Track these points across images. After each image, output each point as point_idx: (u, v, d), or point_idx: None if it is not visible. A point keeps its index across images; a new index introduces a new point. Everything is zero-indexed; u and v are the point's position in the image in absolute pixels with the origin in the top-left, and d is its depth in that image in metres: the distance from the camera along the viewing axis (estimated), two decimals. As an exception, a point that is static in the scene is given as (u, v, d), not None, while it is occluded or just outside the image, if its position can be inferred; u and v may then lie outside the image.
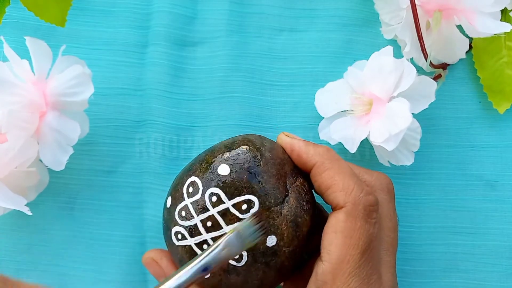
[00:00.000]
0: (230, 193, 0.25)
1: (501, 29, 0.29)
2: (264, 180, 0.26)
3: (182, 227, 0.26)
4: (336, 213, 0.25)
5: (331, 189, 0.25)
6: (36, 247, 0.33)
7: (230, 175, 0.25)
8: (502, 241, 0.33)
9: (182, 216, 0.26)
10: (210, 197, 0.25)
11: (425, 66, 0.32)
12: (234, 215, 0.25)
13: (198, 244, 0.25)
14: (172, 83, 0.34)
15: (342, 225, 0.24)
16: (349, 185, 0.25)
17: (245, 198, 0.25)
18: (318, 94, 0.33)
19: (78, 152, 0.32)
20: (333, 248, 0.24)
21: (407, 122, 0.28)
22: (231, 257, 0.24)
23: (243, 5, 0.35)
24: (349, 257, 0.24)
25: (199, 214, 0.25)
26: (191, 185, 0.26)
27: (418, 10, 0.30)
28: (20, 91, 0.28)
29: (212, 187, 0.25)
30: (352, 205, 0.25)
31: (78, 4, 0.34)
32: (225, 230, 0.25)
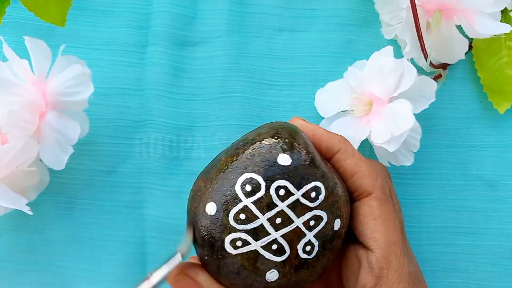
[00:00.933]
0: (297, 183, 0.24)
1: (500, 30, 0.29)
2: (321, 165, 0.25)
3: (242, 232, 0.23)
4: (366, 201, 0.25)
5: (357, 175, 0.25)
6: (36, 247, 0.33)
7: (293, 164, 0.24)
8: (502, 241, 0.33)
9: (241, 219, 0.23)
10: (277, 191, 0.23)
11: (425, 66, 0.32)
12: (304, 205, 0.24)
13: (265, 246, 0.23)
14: (172, 83, 0.34)
15: (378, 211, 0.25)
16: (372, 171, 0.26)
17: (313, 185, 0.24)
18: (318, 94, 0.33)
19: (78, 152, 0.32)
20: (378, 234, 0.24)
21: (410, 124, 0.28)
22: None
23: (243, 5, 0.35)
24: (395, 239, 0.24)
25: (266, 212, 0.23)
26: (249, 183, 0.24)
27: (418, 10, 0.30)
28: (20, 91, 0.28)
29: (277, 180, 0.24)
30: (380, 190, 0.25)
31: (78, 4, 0.34)
32: (297, 223, 0.24)
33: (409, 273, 0.24)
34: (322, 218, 0.24)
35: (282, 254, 0.24)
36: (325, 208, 0.24)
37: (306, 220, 0.24)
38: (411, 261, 0.25)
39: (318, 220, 0.24)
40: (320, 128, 0.27)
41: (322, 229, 0.24)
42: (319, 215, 0.24)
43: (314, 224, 0.24)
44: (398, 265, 0.24)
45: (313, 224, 0.24)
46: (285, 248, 0.24)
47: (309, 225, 0.24)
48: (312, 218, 0.24)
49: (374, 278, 0.24)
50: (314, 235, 0.24)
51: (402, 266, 0.24)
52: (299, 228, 0.24)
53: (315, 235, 0.24)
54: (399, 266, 0.24)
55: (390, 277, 0.24)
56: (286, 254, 0.24)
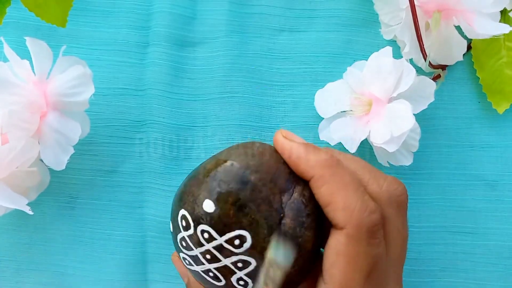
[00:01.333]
0: (220, 230, 0.24)
1: (499, 31, 0.29)
2: (252, 211, 0.23)
3: (186, 255, 0.26)
4: (336, 234, 0.23)
5: (330, 206, 0.23)
6: (36, 247, 0.33)
7: (215, 211, 0.24)
8: (502, 241, 0.33)
9: (183, 246, 0.26)
10: (202, 234, 0.24)
11: (424, 67, 0.32)
12: (228, 250, 0.24)
13: (204, 272, 0.25)
14: (172, 83, 0.34)
15: (344, 248, 0.22)
16: (351, 203, 0.22)
17: (236, 233, 0.23)
18: (317, 95, 0.33)
19: (79, 152, 0.32)
20: (336, 271, 0.22)
21: (409, 124, 0.28)
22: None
23: (243, 5, 0.35)
24: (352, 282, 0.22)
25: (197, 248, 0.25)
26: (183, 218, 0.25)
27: (417, 10, 0.30)
28: (21, 91, 0.28)
29: (201, 224, 0.24)
30: (354, 227, 0.22)
31: (78, 4, 0.34)
32: (224, 262, 0.24)
33: None
34: (250, 263, 0.24)
35: (219, 281, 0.25)
36: (252, 255, 0.24)
37: (233, 262, 0.24)
38: None
39: (246, 264, 0.24)
40: (300, 147, 0.24)
41: (253, 271, 0.24)
42: (246, 260, 0.24)
43: (243, 266, 0.24)
44: None
45: (242, 266, 0.24)
46: (220, 278, 0.25)
47: (237, 266, 0.24)
48: (239, 261, 0.24)
49: None
50: (245, 274, 0.24)
51: None
52: (228, 266, 0.24)
53: (247, 274, 0.24)
54: None
55: None
56: (222, 283, 0.25)
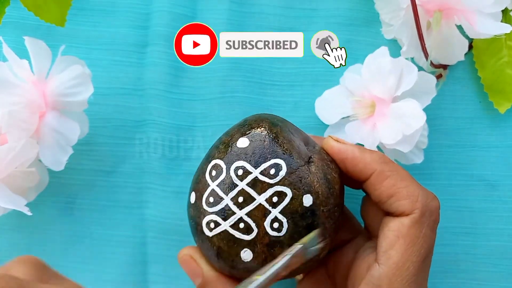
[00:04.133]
0: (255, 162, 0.25)
1: (500, 31, 0.29)
2: (285, 143, 0.25)
3: (213, 214, 0.25)
4: (401, 218, 0.24)
5: (395, 197, 0.24)
6: (36, 247, 0.33)
7: (250, 144, 0.25)
8: (503, 241, 0.33)
9: (211, 202, 0.25)
10: (235, 172, 0.25)
11: (426, 66, 0.31)
12: (264, 182, 0.24)
13: (233, 226, 0.25)
14: (172, 83, 0.34)
15: (406, 231, 0.24)
16: (413, 191, 0.24)
17: (271, 162, 0.25)
18: (317, 103, 0.33)
19: (78, 152, 0.32)
20: (394, 253, 0.23)
21: (421, 122, 0.28)
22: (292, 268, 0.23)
23: (243, 4, 0.35)
24: (409, 264, 0.23)
25: (228, 193, 0.25)
26: (214, 168, 0.26)
27: (418, 9, 0.30)
28: (20, 91, 0.28)
29: (235, 161, 0.25)
30: (420, 212, 0.24)
31: (77, 4, 0.34)
32: (259, 201, 0.24)
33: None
34: (285, 193, 0.24)
35: (251, 232, 0.24)
36: (287, 184, 0.24)
37: (268, 197, 0.24)
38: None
39: (281, 196, 0.24)
40: (354, 148, 0.26)
41: (288, 205, 0.24)
42: (281, 191, 0.24)
43: (278, 201, 0.24)
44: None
45: (277, 200, 0.24)
46: (251, 226, 0.24)
47: (272, 201, 0.24)
48: (274, 194, 0.24)
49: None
50: (279, 211, 0.24)
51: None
52: (262, 205, 0.24)
53: (281, 211, 0.24)
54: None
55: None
56: (254, 232, 0.24)
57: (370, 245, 0.27)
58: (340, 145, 0.26)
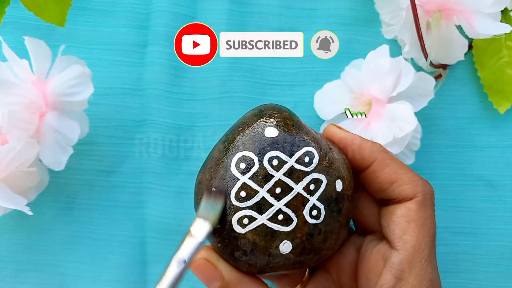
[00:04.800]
0: (289, 151, 0.24)
1: (500, 31, 0.29)
2: (309, 131, 0.25)
3: (246, 209, 0.24)
4: (406, 203, 0.25)
5: (397, 183, 0.25)
6: (36, 247, 0.33)
7: (280, 134, 0.25)
8: (503, 241, 0.33)
9: (243, 197, 0.24)
10: (270, 162, 0.24)
11: (426, 66, 0.31)
12: (300, 171, 0.24)
13: (271, 218, 0.24)
14: (172, 83, 0.34)
15: (415, 214, 0.25)
16: (413, 177, 0.25)
17: (304, 150, 0.24)
18: (316, 96, 0.33)
19: (78, 152, 0.32)
20: (408, 237, 0.24)
21: (412, 126, 0.28)
22: (202, 243, 0.23)
23: (243, 4, 0.35)
24: (424, 245, 0.24)
25: (264, 185, 0.24)
26: (242, 160, 0.24)
27: (418, 10, 0.30)
28: (20, 91, 0.28)
29: (268, 151, 0.24)
30: (422, 195, 0.25)
31: (77, 3, 0.34)
32: (297, 190, 0.24)
33: (431, 280, 0.24)
34: (321, 180, 0.24)
35: (290, 223, 0.24)
36: (322, 170, 0.24)
37: (305, 185, 0.24)
38: (434, 270, 0.25)
39: (317, 183, 0.24)
40: (357, 137, 0.26)
41: (324, 191, 0.24)
42: (318, 178, 0.24)
43: (315, 188, 0.24)
44: (421, 270, 0.24)
45: (314, 188, 0.24)
46: (291, 217, 0.24)
47: (309, 189, 0.24)
48: (311, 182, 0.24)
49: (394, 279, 0.24)
50: (317, 198, 0.24)
51: (424, 272, 0.24)
52: (300, 194, 0.24)
53: (318, 198, 0.24)
54: (421, 271, 0.24)
55: (410, 281, 0.24)
56: (294, 223, 0.24)
57: (372, 239, 0.27)
58: (343, 132, 0.27)
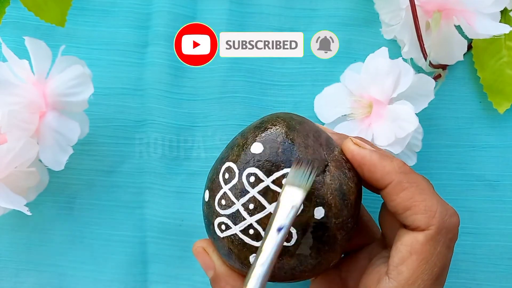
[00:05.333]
0: (268, 170, 0.24)
1: (499, 31, 0.29)
2: (300, 152, 0.24)
3: (224, 217, 0.25)
4: (414, 233, 0.23)
5: (411, 210, 0.23)
6: (36, 247, 0.33)
7: (264, 151, 0.24)
8: (503, 241, 0.33)
9: (222, 205, 0.25)
10: (247, 178, 0.24)
11: (425, 66, 0.32)
12: (275, 192, 0.24)
13: (243, 231, 0.24)
14: (172, 83, 0.34)
15: (420, 247, 0.23)
16: (432, 205, 0.23)
17: (284, 172, 0.24)
18: (316, 100, 0.33)
19: (78, 152, 0.32)
20: (405, 269, 0.23)
21: (414, 126, 0.28)
22: (297, 210, 0.23)
23: (243, 4, 0.35)
24: (420, 282, 0.22)
25: (239, 199, 0.24)
26: (227, 171, 0.25)
27: (417, 10, 0.30)
28: (20, 91, 0.28)
29: (248, 167, 0.24)
30: (436, 229, 0.23)
31: (78, 4, 0.34)
32: (269, 209, 0.24)
33: None
34: None
35: (260, 238, 0.24)
36: None
37: None
38: None
39: None
40: (373, 155, 0.24)
41: (298, 217, 0.24)
42: None
43: None
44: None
45: None
46: (261, 234, 0.24)
47: None
48: None
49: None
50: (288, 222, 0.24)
51: None
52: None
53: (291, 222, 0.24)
54: None
55: None
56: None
57: (384, 255, 0.26)
58: (359, 150, 0.25)
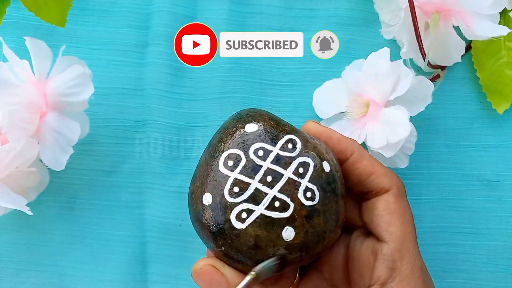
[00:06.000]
0: (271, 141, 0.25)
1: (498, 33, 0.29)
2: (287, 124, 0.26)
3: (243, 203, 0.24)
4: (384, 196, 0.26)
5: (375, 175, 0.26)
6: (36, 247, 0.33)
7: (260, 127, 0.26)
8: (502, 241, 0.33)
9: (236, 192, 0.24)
10: (256, 153, 0.25)
11: (424, 66, 0.32)
12: (286, 157, 0.25)
13: (268, 207, 0.24)
14: (172, 83, 0.34)
15: (395, 206, 0.26)
16: (387, 170, 0.27)
17: (286, 138, 0.25)
18: (315, 94, 0.33)
19: (78, 152, 0.32)
20: (393, 228, 0.25)
21: (406, 132, 0.28)
22: None
23: (243, 5, 0.35)
24: (408, 234, 0.26)
25: (254, 176, 0.25)
26: (228, 158, 0.25)
27: (416, 11, 0.30)
28: (20, 91, 0.28)
29: (253, 144, 0.25)
30: (397, 187, 0.26)
31: (78, 4, 0.34)
32: (287, 175, 0.25)
33: (420, 267, 0.25)
34: (308, 163, 0.25)
35: (287, 208, 0.24)
36: (306, 154, 0.25)
37: (294, 169, 0.25)
38: (421, 258, 0.26)
39: (305, 166, 0.25)
40: (335, 132, 0.28)
41: (313, 173, 0.25)
42: (305, 161, 0.25)
43: (304, 171, 0.25)
44: (411, 258, 0.25)
45: (303, 171, 0.25)
46: (287, 201, 0.24)
47: (299, 173, 0.25)
48: (299, 165, 0.25)
49: (388, 270, 0.25)
50: (308, 180, 0.25)
51: (414, 259, 0.25)
52: (291, 178, 0.25)
53: (310, 180, 0.25)
54: (411, 259, 0.25)
55: (403, 269, 0.25)
56: (291, 207, 0.24)
57: (357, 235, 0.28)
58: (322, 127, 0.28)
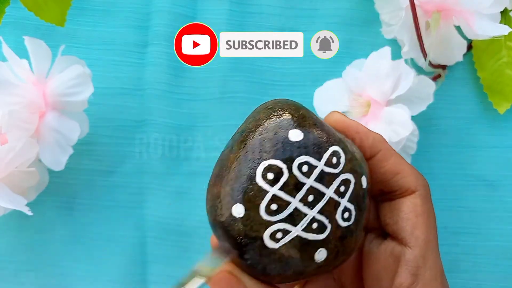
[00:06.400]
0: (317, 154, 0.22)
1: (499, 32, 0.29)
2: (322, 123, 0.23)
3: (280, 223, 0.22)
4: (410, 198, 0.25)
5: (401, 174, 0.25)
6: (35, 248, 0.33)
7: (305, 136, 0.23)
8: (502, 241, 0.33)
9: (274, 210, 0.22)
10: (300, 169, 0.22)
11: (425, 66, 0.32)
12: (330, 173, 0.22)
13: (306, 228, 0.22)
14: (172, 83, 0.34)
15: (421, 208, 0.25)
16: (413, 169, 0.25)
17: (331, 151, 0.23)
18: (316, 94, 0.33)
19: (78, 152, 0.32)
20: (419, 232, 0.24)
21: (407, 131, 0.28)
22: None
23: (243, 4, 0.35)
24: (432, 238, 0.24)
25: (296, 194, 0.22)
26: (268, 170, 0.22)
27: (417, 10, 0.30)
28: (20, 91, 0.28)
29: (296, 158, 0.22)
30: (423, 188, 0.25)
31: (77, 4, 0.34)
32: (329, 195, 0.22)
33: (441, 271, 0.25)
34: (349, 180, 0.23)
35: (324, 230, 0.23)
36: (349, 170, 0.23)
37: (336, 188, 0.23)
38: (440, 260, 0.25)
39: (347, 184, 0.23)
40: (360, 125, 0.26)
41: (353, 191, 0.23)
42: (347, 178, 0.23)
43: (345, 189, 0.23)
44: (433, 263, 0.24)
45: (344, 189, 0.23)
46: (325, 223, 0.23)
47: (340, 191, 0.23)
48: (341, 183, 0.23)
49: (412, 276, 0.24)
50: (348, 200, 0.23)
51: (435, 264, 0.24)
52: (332, 198, 0.23)
53: (349, 199, 0.23)
54: (434, 264, 0.24)
55: (426, 275, 0.24)
56: (328, 229, 0.23)
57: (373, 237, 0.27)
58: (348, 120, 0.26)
